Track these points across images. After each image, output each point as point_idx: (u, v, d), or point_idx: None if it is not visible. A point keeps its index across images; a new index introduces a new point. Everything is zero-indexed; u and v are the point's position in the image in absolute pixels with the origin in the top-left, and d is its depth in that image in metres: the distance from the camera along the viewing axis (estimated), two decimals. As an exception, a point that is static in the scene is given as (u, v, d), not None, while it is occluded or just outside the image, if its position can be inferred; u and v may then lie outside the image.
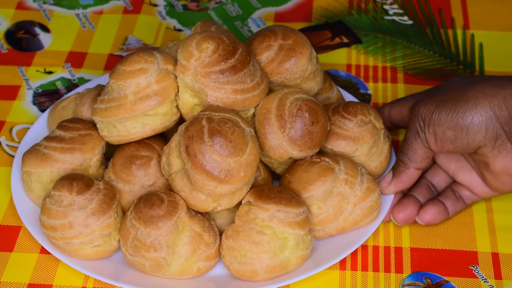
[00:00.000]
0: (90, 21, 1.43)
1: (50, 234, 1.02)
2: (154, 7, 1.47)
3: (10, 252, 1.07)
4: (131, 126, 1.05)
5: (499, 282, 1.04)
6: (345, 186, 1.05)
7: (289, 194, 1.02)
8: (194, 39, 1.04)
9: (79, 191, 1.01)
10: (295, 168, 1.07)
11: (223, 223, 1.05)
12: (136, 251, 1.00)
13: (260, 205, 1.00)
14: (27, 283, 1.04)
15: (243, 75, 1.03)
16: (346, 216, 1.05)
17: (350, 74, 1.34)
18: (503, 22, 1.43)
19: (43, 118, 1.20)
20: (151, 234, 0.99)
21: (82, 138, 1.07)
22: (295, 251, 1.01)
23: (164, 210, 1.00)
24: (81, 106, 1.12)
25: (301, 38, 1.10)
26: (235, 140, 0.99)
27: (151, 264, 1.00)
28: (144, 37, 1.40)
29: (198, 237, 1.01)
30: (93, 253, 1.02)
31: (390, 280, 1.04)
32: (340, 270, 1.05)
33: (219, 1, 1.48)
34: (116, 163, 1.07)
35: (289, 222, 1.00)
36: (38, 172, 1.06)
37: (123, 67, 1.04)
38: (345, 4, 1.47)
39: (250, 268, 1.00)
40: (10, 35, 1.41)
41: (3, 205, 1.13)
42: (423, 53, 1.37)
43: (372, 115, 1.11)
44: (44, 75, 1.33)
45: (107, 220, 1.02)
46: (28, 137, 1.17)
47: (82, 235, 1.01)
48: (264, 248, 0.99)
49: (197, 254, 1.01)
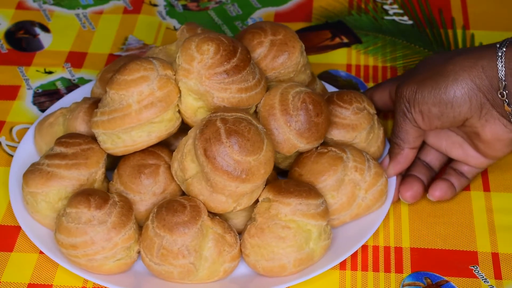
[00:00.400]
0: (90, 21, 1.43)
1: (70, 253, 1.00)
2: (154, 7, 1.47)
3: (10, 252, 1.07)
4: (137, 135, 1.04)
5: (499, 282, 1.03)
6: (355, 173, 1.06)
7: (306, 186, 1.03)
8: (192, 42, 1.03)
9: (97, 206, 1.00)
10: (303, 160, 1.08)
11: (236, 223, 1.06)
12: (163, 259, 0.99)
13: (281, 200, 1.01)
14: (27, 283, 1.04)
15: (246, 73, 1.03)
16: (359, 203, 1.07)
17: (350, 74, 1.34)
18: (503, 22, 1.43)
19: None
20: (177, 241, 0.99)
21: (85, 152, 1.05)
22: (319, 242, 1.02)
23: (188, 216, 0.99)
24: (73, 120, 1.11)
25: (290, 32, 1.12)
26: (253, 138, 0.99)
27: (180, 271, 0.99)
28: (144, 37, 1.40)
29: (221, 238, 1.01)
30: (115, 267, 1.01)
31: (390, 280, 1.04)
32: (340, 270, 1.05)
33: (219, 1, 1.48)
34: (123, 174, 1.06)
35: (312, 214, 1.01)
36: (45, 191, 1.04)
37: (123, 77, 1.03)
38: (345, 4, 1.47)
39: (278, 264, 1.01)
40: (10, 35, 1.41)
41: (2, 206, 1.13)
42: (423, 53, 1.37)
43: (365, 102, 1.14)
44: (44, 75, 1.33)
45: (128, 232, 1.01)
46: (28, 137, 1.17)
47: (105, 250, 1.00)
48: (291, 242, 1.00)
49: (222, 256, 1.01)
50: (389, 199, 1.09)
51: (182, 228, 0.98)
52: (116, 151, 1.05)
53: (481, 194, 1.14)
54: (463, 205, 1.13)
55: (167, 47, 1.16)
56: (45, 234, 1.06)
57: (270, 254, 1.01)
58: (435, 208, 1.12)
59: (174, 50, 1.15)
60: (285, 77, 1.11)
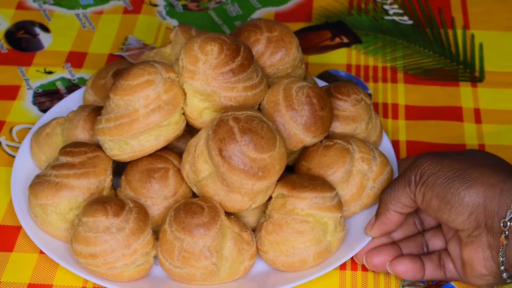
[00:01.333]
0: (90, 21, 1.43)
1: (90, 262, 1.00)
2: (154, 7, 1.47)
3: (10, 252, 1.07)
4: (145, 140, 1.03)
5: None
6: (363, 164, 1.07)
7: (319, 179, 1.04)
8: (195, 43, 1.03)
9: (114, 213, 0.99)
10: (310, 154, 1.09)
11: (248, 221, 1.06)
12: (185, 262, 0.99)
13: (297, 195, 1.02)
14: (27, 283, 1.04)
15: (250, 71, 1.04)
16: (368, 192, 1.08)
17: (350, 74, 1.34)
18: (503, 22, 1.43)
19: (43, 120, 1.19)
20: (198, 242, 0.98)
21: (92, 160, 1.05)
22: (335, 234, 1.03)
23: (208, 217, 0.99)
24: (73, 129, 1.10)
25: (285, 28, 1.12)
26: (266, 135, 0.99)
27: (202, 272, 0.99)
28: (144, 37, 1.40)
29: (239, 237, 1.01)
30: (135, 273, 1.01)
31: (390, 280, 1.04)
32: (340, 271, 1.05)
33: (219, 1, 1.48)
34: (132, 180, 1.05)
35: (327, 207, 1.02)
36: (55, 202, 1.03)
37: (127, 82, 1.02)
38: (345, 4, 1.47)
39: (299, 258, 1.01)
40: (10, 35, 1.41)
41: (3, 205, 1.12)
42: (423, 53, 1.37)
43: (362, 92, 1.14)
44: (44, 75, 1.33)
45: (146, 237, 1.00)
46: (24, 150, 1.16)
47: (125, 257, 0.99)
48: (310, 236, 1.01)
49: (242, 254, 1.01)
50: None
51: (202, 230, 0.98)
52: (124, 157, 1.05)
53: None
54: (463, 205, 1.12)
55: (161, 49, 1.15)
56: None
57: (290, 249, 1.01)
58: (435, 208, 1.12)
59: (169, 53, 1.15)
60: (283, 73, 1.11)
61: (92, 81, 1.19)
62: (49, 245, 1.04)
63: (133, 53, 1.37)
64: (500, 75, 1.31)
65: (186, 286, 1.01)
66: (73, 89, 1.30)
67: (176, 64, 1.05)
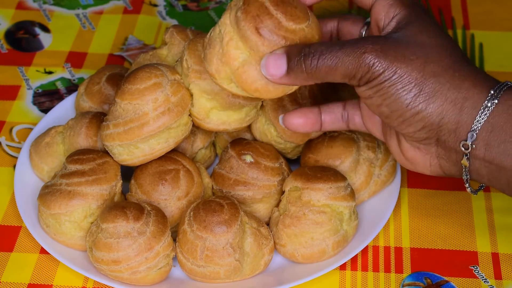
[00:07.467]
0: (90, 21, 1.43)
1: (112, 269, 0.99)
2: (154, 7, 1.47)
3: (10, 252, 1.07)
4: (156, 143, 1.03)
5: (499, 282, 1.04)
6: (369, 152, 1.09)
7: (331, 170, 1.05)
8: (198, 44, 1.03)
9: (135, 217, 0.99)
10: (317, 146, 1.10)
11: (259, 216, 1.07)
12: (208, 261, 0.99)
13: (312, 186, 1.02)
14: (27, 283, 1.04)
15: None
16: (376, 180, 1.09)
17: (350, 74, 1.34)
18: (503, 22, 1.43)
19: (45, 120, 1.20)
20: (221, 240, 0.98)
21: (102, 167, 1.04)
22: (350, 222, 1.04)
23: (228, 214, 0.99)
24: (76, 137, 1.09)
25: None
26: (299, 5, 0.94)
27: (226, 269, 0.99)
28: (144, 37, 1.40)
29: (257, 232, 1.01)
30: (157, 276, 1.01)
31: (390, 280, 1.04)
32: (340, 271, 1.05)
33: (219, 1, 1.48)
34: (143, 184, 1.05)
35: (342, 196, 1.03)
36: (69, 211, 1.02)
37: (135, 86, 1.02)
38: (345, 4, 1.47)
39: (318, 249, 1.02)
40: (10, 35, 1.41)
41: (3, 205, 1.13)
42: (423, 53, 1.37)
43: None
44: (44, 75, 1.33)
45: (167, 239, 1.00)
46: (30, 139, 1.16)
47: (148, 260, 0.99)
48: (328, 226, 1.02)
49: (261, 249, 1.01)
50: (398, 171, 1.12)
51: (224, 227, 0.98)
52: (134, 162, 1.04)
53: (481, 194, 1.14)
54: (463, 205, 1.13)
55: (157, 51, 1.15)
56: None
57: (309, 240, 1.02)
58: (435, 208, 1.12)
59: (166, 54, 1.15)
60: None
61: (86, 87, 1.18)
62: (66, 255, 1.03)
63: (133, 53, 1.37)
64: (500, 75, 1.31)
65: (207, 285, 1.01)
66: (73, 89, 1.30)
67: (179, 65, 1.05)
